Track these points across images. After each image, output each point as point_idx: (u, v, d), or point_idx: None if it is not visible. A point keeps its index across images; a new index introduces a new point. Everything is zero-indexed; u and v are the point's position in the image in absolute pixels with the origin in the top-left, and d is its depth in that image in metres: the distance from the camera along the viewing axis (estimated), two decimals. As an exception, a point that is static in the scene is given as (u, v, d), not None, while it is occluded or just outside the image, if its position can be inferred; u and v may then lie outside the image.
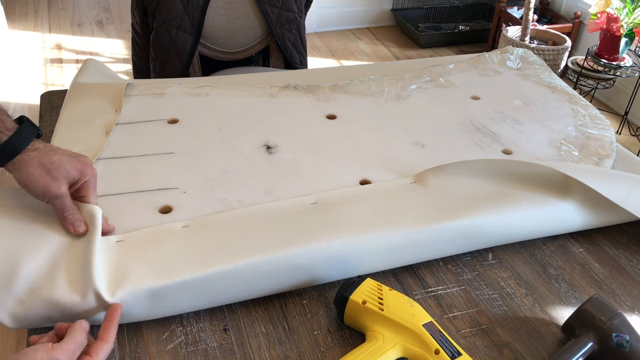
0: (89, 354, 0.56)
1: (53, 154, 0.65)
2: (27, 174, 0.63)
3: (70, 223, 0.65)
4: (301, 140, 0.88)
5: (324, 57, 3.04)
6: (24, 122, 0.65)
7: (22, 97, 2.53)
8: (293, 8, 1.43)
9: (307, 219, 0.72)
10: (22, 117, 0.66)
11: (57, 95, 1.04)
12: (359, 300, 0.63)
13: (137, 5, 1.35)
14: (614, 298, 0.72)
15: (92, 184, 0.68)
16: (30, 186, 0.64)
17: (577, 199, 0.78)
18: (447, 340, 0.60)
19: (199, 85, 1.01)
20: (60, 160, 0.64)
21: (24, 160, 0.63)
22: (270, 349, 0.63)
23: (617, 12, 2.30)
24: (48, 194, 0.64)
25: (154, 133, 0.88)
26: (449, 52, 3.14)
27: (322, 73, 1.12)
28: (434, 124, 0.94)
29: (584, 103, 1.03)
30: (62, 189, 0.64)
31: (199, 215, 0.72)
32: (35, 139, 0.65)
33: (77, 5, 3.45)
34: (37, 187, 0.63)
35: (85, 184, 0.67)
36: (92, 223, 0.66)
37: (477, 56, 1.17)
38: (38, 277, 0.62)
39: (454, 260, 0.76)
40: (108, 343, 0.57)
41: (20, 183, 0.64)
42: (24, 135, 0.64)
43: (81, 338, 0.56)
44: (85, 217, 0.67)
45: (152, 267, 0.64)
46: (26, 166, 0.63)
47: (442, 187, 0.78)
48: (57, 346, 0.53)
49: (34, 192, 0.64)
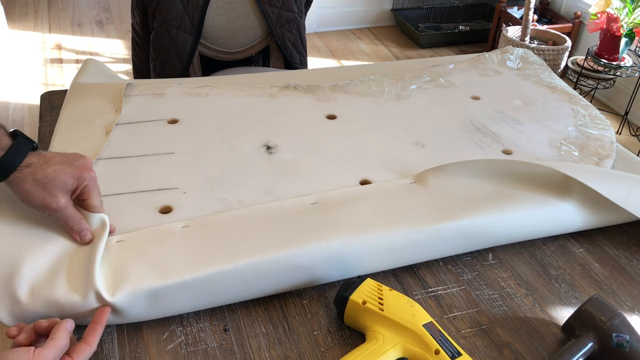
0: (70, 355, 0.56)
1: (47, 166, 0.63)
2: (23, 191, 0.63)
3: (76, 233, 0.65)
4: (301, 140, 0.88)
5: (324, 57, 3.04)
6: (18, 138, 0.63)
7: (22, 97, 2.53)
8: (293, 8, 1.43)
9: (307, 219, 0.72)
10: (15, 132, 0.64)
11: (57, 95, 1.04)
12: (359, 301, 0.63)
13: (137, 5, 1.35)
14: (614, 298, 0.72)
15: (92, 186, 0.67)
16: (28, 202, 0.63)
17: (577, 199, 0.78)
18: (447, 341, 0.60)
19: (199, 85, 1.01)
20: (55, 172, 0.63)
21: (19, 179, 0.62)
22: (270, 349, 0.63)
23: (617, 12, 2.30)
24: (47, 208, 0.64)
25: (154, 133, 0.88)
26: (449, 52, 3.14)
27: (322, 73, 1.12)
28: (434, 124, 0.94)
29: (584, 103, 1.03)
30: (61, 202, 0.63)
31: (199, 216, 0.72)
32: (30, 152, 0.64)
33: (77, 5, 3.45)
34: (35, 203, 0.63)
35: (85, 188, 0.66)
36: (99, 230, 0.67)
37: (477, 56, 1.17)
38: (39, 276, 0.62)
39: (454, 261, 0.76)
40: (91, 346, 0.57)
41: (19, 199, 0.64)
42: (17, 152, 0.62)
43: (63, 342, 0.55)
44: (91, 224, 0.67)
45: (152, 267, 0.64)
46: (22, 184, 0.62)
47: (442, 187, 0.78)
48: (39, 352, 0.53)
49: (33, 207, 0.64)
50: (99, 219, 0.67)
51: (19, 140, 0.63)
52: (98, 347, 0.62)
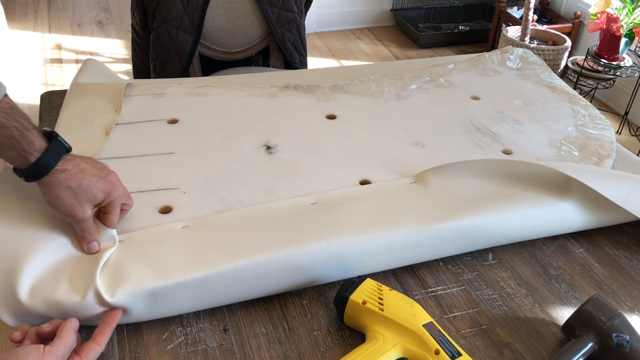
0: (79, 354, 0.56)
1: (82, 176, 0.64)
2: (54, 196, 0.63)
3: (86, 242, 0.66)
4: (301, 140, 0.88)
5: (324, 57, 3.04)
6: (54, 140, 0.63)
7: (22, 97, 2.53)
8: (293, 8, 1.43)
9: (307, 219, 0.72)
10: (52, 133, 0.64)
11: (57, 95, 1.04)
12: (359, 301, 0.63)
13: (137, 5, 1.35)
14: (614, 298, 0.72)
15: (117, 204, 0.68)
16: (55, 206, 0.64)
17: (577, 199, 0.78)
18: (447, 341, 0.60)
19: (199, 85, 1.01)
20: (89, 184, 0.64)
21: (52, 182, 0.62)
22: (270, 349, 0.63)
23: (617, 12, 2.30)
24: (72, 216, 0.64)
25: (154, 133, 0.88)
26: (449, 52, 3.14)
27: (322, 73, 1.12)
28: (434, 124, 0.94)
29: (584, 103, 1.03)
30: (87, 213, 0.64)
31: (199, 215, 0.72)
32: (64, 155, 0.64)
33: (77, 5, 3.45)
34: (63, 209, 0.64)
35: (111, 204, 0.67)
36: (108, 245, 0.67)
37: (477, 56, 1.17)
38: (40, 276, 0.62)
39: (454, 261, 0.76)
40: (100, 346, 0.58)
41: (47, 201, 0.64)
42: (52, 155, 0.62)
43: (71, 340, 0.56)
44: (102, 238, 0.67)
45: (152, 268, 0.64)
46: (54, 187, 0.63)
47: (442, 187, 0.78)
48: (49, 350, 0.53)
49: (58, 212, 0.64)
50: (109, 236, 0.68)
51: (55, 142, 0.63)
52: (98, 347, 0.62)
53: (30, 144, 0.61)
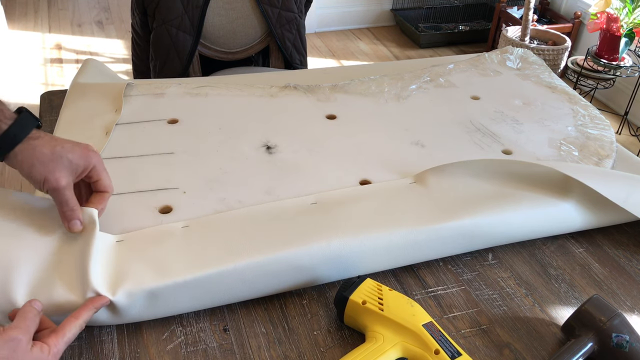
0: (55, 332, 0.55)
1: (55, 143, 0.63)
2: (28, 164, 0.62)
3: (67, 220, 0.64)
4: (301, 140, 0.88)
5: (324, 57, 3.04)
6: (24, 112, 0.64)
7: (22, 97, 2.53)
8: (293, 8, 1.43)
9: (307, 219, 0.72)
10: (21, 108, 0.64)
11: (57, 95, 1.04)
12: (359, 301, 0.63)
13: (137, 5, 1.35)
14: (614, 298, 0.72)
15: (101, 168, 0.66)
16: (32, 177, 0.62)
17: (577, 199, 0.78)
18: (447, 341, 0.60)
19: (199, 85, 1.01)
20: (63, 150, 0.63)
21: (25, 149, 0.62)
22: (270, 349, 0.63)
23: (617, 12, 2.30)
24: (47, 184, 0.62)
25: (154, 133, 0.88)
26: (449, 52, 3.15)
27: (322, 73, 1.12)
28: (434, 124, 0.94)
29: (584, 103, 1.03)
30: (62, 181, 0.62)
31: (199, 215, 0.72)
32: (35, 129, 0.64)
33: (77, 5, 3.45)
34: (37, 177, 0.62)
35: (94, 170, 0.66)
36: (89, 225, 0.66)
37: (477, 56, 1.17)
38: (36, 278, 0.62)
39: (454, 261, 0.76)
40: (78, 320, 0.57)
41: (22, 173, 0.63)
42: (24, 124, 0.62)
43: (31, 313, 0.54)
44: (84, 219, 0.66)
45: (152, 267, 0.64)
46: (27, 156, 0.62)
47: (442, 187, 0.78)
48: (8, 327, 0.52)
49: (34, 182, 0.63)
50: (88, 215, 0.66)
51: (25, 114, 0.63)
52: (98, 347, 0.62)
53: (1, 113, 0.61)
